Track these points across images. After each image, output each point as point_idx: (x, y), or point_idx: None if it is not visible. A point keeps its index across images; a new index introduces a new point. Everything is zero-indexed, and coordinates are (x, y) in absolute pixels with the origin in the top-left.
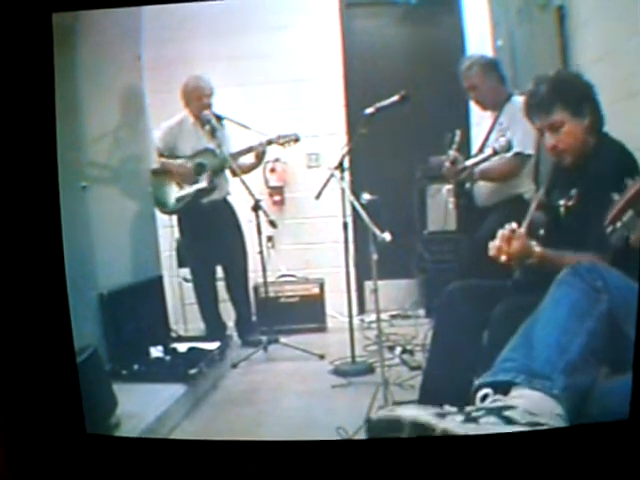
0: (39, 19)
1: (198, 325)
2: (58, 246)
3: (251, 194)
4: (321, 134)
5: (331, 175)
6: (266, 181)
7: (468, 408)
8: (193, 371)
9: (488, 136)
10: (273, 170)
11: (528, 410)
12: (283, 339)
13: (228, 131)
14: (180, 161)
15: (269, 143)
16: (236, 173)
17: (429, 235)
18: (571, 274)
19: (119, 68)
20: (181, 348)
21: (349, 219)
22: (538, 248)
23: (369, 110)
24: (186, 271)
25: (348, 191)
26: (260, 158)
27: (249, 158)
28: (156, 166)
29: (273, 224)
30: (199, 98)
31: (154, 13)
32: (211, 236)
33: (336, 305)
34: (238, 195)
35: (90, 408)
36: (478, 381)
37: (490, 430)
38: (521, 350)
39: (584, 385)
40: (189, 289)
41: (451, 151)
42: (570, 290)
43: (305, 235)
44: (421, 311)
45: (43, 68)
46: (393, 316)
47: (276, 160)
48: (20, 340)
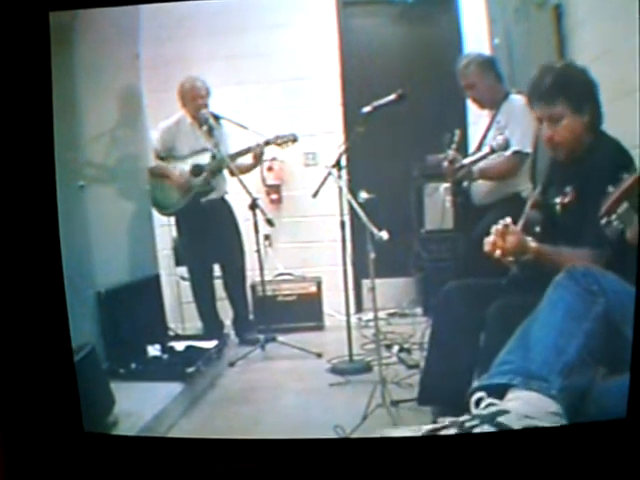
0: (36, 18)
1: (195, 324)
2: (55, 245)
3: (248, 192)
4: (318, 133)
5: (328, 173)
6: (263, 179)
7: (462, 418)
8: (191, 370)
9: (486, 134)
10: (270, 168)
11: (523, 413)
12: (281, 337)
13: (226, 130)
14: (176, 168)
15: (267, 144)
16: (234, 173)
17: (426, 234)
18: (567, 278)
19: (117, 67)
20: (178, 347)
21: (346, 218)
22: (534, 244)
23: (366, 109)
24: (183, 270)
25: (345, 190)
26: (258, 159)
27: (247, 159)
28: (153, 165)
29: (270, 222)
30: (195, 99)
31: (152, 12)
32: (209, 235)
33: (333, 303)
34: (235, 194)
35: (88, 406)
36: (475, 384)
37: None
38: (518, 352)
39: (581, 385)
40: (186, 288)
41: (450, 151)
42: (566, 293)
43: (302, 233)
44: (418, 309)
45: (40, 67)
46: (391, 314)
47: (273, 159)
48: (18, 338)
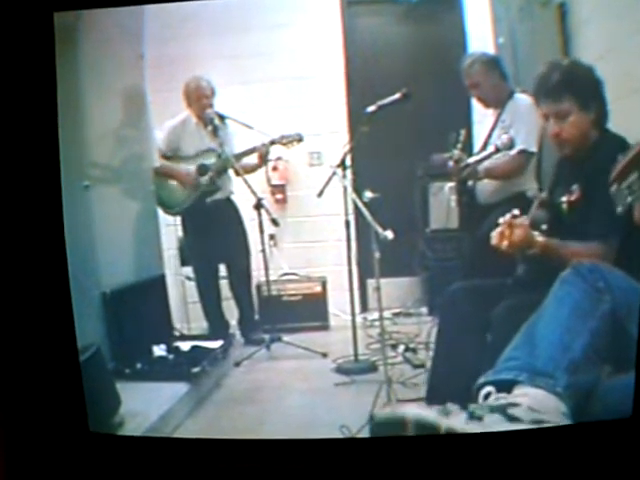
0: (41, 18)
1: (201, 324)
2: (61, 245)
3: (253, 192)
4: (323, 132)
5: (333, 173)
6: (268, 179)
7: (472, 406)
8: (196, 370)
9: (490, 134)
10: (275, 168)
11: (532, 407)
12: (286, 337)
13: (231, 130)
14: (182, 167)
15: (272, 143)
16: (239, 173)
17: (431, 233)
18: (573, 274)
19: (121, 67)
20: (184, 347)
21: (351, 217)
22: (541, 238)
23: (371, 108)
24: (189, 270)
25: (350, 189)
26: (263, 159)
27: (252, 159)
28: (158, 165)
29: (275, 222)
30: (200, 98)
31: (156, 12)
32: (215, 235)
33: (339, 303)
34: (241, 194)
35: (93, 407)
36: (481, 380)
37: (494, 428)
38: (524, 349)
39: (587, 383)
40: (192, 288)
41: (456, 150)
42: (572, 290)
43: (307, 233)
44: (424, 309)
45: (45, 67)
46: (396, 314)
47: (278, 158)
48: (23, 339)
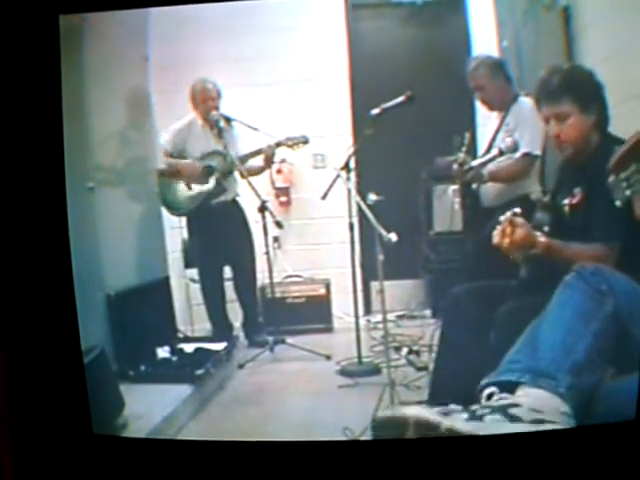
0: (46, 20)
1: (205, 326)
2: (65, 247)
3: (257, 195)
4: (327, 135)
5: (337, 176)
6: (272, 182)
7: (473, 406)
8: (200, 372)
9: (495, 137)
10: (279, 171)
11: (533, 408)
12: (289, 339)
13: (237, 132)
14: (188, 162)
15: (278, 145)
16: (244, 175)
17: (435, 236)
18: (576, 277)
19: (126, 69)
20: (188, 349)
21: (355, 220)
22: (543, 238)
23: (375, 111)
24: (193, 272)
25: (354, 192)
26: (269, 161)
27: (258, 161)
28: (163, 166)
29: (279, 225)
30: (206, 100)
31: (161, 14)
32: (220, 237)
33: (342, 305)
34: (246, 196)
35: (97, 409)
36: (484, 381)
37: (495, 428)
38: (527, 351)
39: (590, 385)
40: (196, 290)
41: (461, 153)
42: (574, 293)
43: (311, 236)
44: (427, 312)
45: (50, 69)
46: (399, 317)
47: (282, 161)
48: (28, 341)
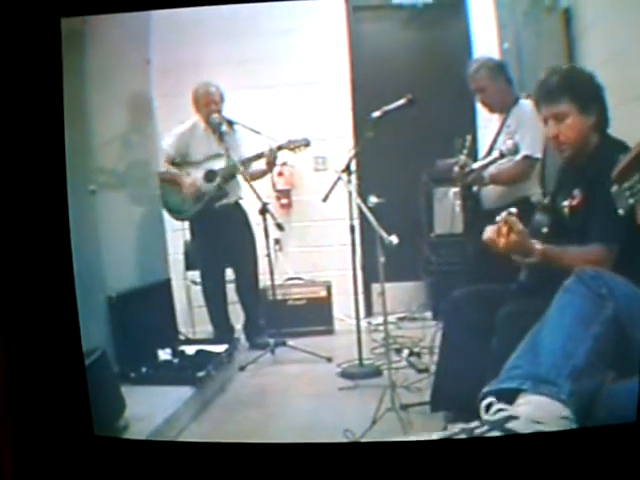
0: (48, 24)
1: (206, 328)
2: (67, 249)
3: (259, 197)
4: (328, 137)
5: (338, 178)
6: (274, 184)
7: (472, 424)
8: (201, 374)
9: (496, 139)
10: (280, 173)
11: (533, 418)
12: (290, 342)
13: (239, 135)
14: (187, 178)
15: (280, 149)
16: (246, 178)
17: (436, 238)
18: (575, 282)
19: (128, 72)
20: (189, 351)
21: (356, 222)
22: (539, 245)
23: (376, 113)
24: (194, 274)
25: (355, 194)
26: (271, 165)
27: (260, 164)
28: (163, 170)
29: (280, 227)
30: (208, 104)
31: (163, 17)
32: (222, 239)
33: (343, 308)
34: (248, 198)
35: (98, 410)
36: (484, 389)
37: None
38: (527, 357)
39: (591, 389)
40: (197, 292)
41: (462, 156)
42: (574, 297)
43: (312, 238)
44: (428, 314)
45: (52, 72)
46: (400, 319)
47: (284, 164)
48: (29, 342)
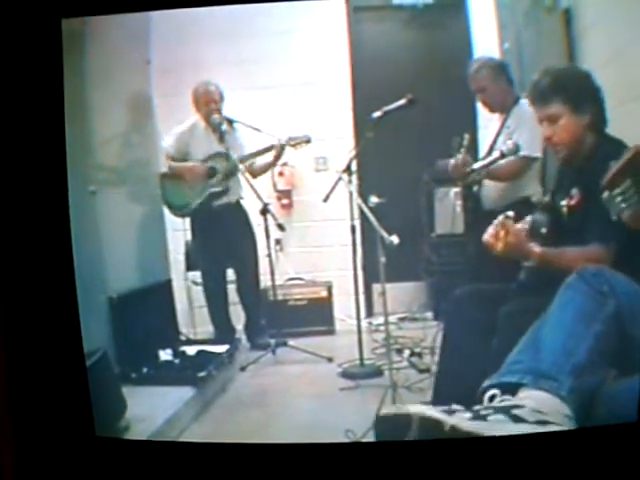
0: (49, 24)
1: (207, 328)
2: (67, 250)
3: (259, 198)
4: (329, 138)
5: (339, 178)
6: (274, 185)
7: (477, 407)
8: (202, 374)
9: (496, 139)
10: (281, 174)
11: (536, 409)
12: (291, 342)
13: (239, 134)
14: (191, 163)
15: (283, 147)
16: (247, 177)
17: (437, 238)
18: (577, 279)
19: (128, 72)
20: (190, 351)
21: (357, 222)
22: (538, 249)
23: (376, 114)
24: (195, 274)
25: (356, 194)
26: (278, 157)
27: (265, 158)
28: (165, 170)
29: (281, 227)
30: (208, 103)
31: (163, 18)
32: (223, 239)
33: (344, 308)
34: (249, 198)
35: (99, 411)
36: (486, 383)
37: (499, 427)
38: (528, 353)
39: (591, 387)
40: (198, 292)
41: (459, 154)
42: (576, 295)
43: (313, 238)
44: (429, 314)
45: (52, 73)
46: (401, 319)
47: (284, 164)
48: (30, 343)
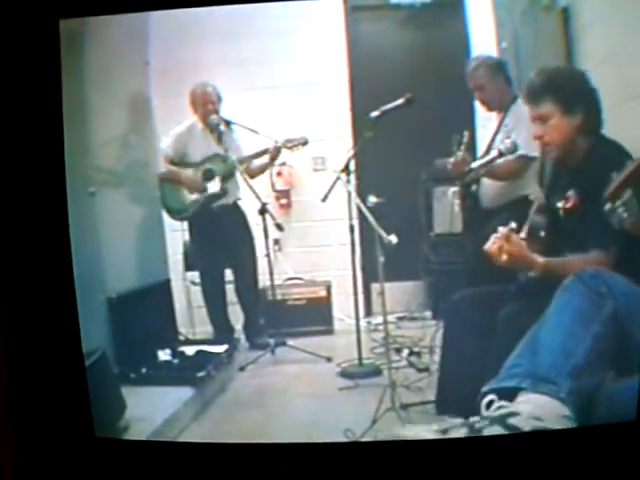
0: (46, 25)
1: (206, 328)
2: (66, 251)
3: (258, 197)
4: (327, 137)
5: (337, 178)
6: (273, 184)
7: (472, 419)
8: (201, 374)
9: (494, 138)
10: (280, 174)
11: (534, 415)
12: (290, 342)
13: (237, 135)
14: (189, 172)
15: (279, 149)
16: (245, 179)
17: (435, 237)
18: (575, 281)
19: (127, 73)
20: (189, 351)
21: (355, 222)
22: (541, 259)
23: (374, 113)
24: (194, 274)
25: (354, 194)
26: (274, 159)
27: (262, 160)
28: (163, 171)
29: (280, 227)
30: (206, 104)
31: (161, 18)
32: (221, 240)
33: (343, 307)
34: (247, 199)
35: (99, 411)
36: (484, 388)
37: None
38: (527, 356)
39: (591, 388)
40: (197, 292)
41: (459, 152)
42: (574, 296)
43: (312, 238)
44: (428, 313)
45: (50, 74)
46: (400, 318)
47: (282, 164)
48: (29, 344)
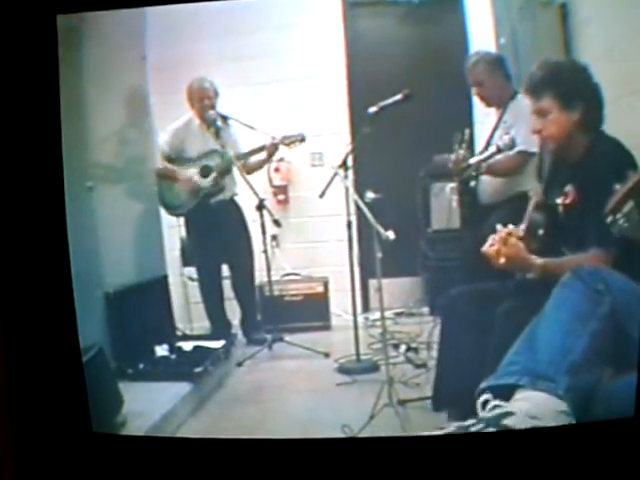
0: (44, 20)
1: (203, 324)
2: (64, 246)
3: (255, 193)
4: (325, 133)
5: (335, 174)
6: (270, 180)
7: (467, 422)
8: (198, 370)
9: (493, 134)
10: (277, 169)
11: (530, 414)
12: (288, 337)
13: (234, 130)
14: (184, 173)
15: (276, 146)
16: (242, 174)
17: (433, 233)
18: (572, 278)
19: (124, 69)
20: (186, 347)
21: (353, 218)
22: (539, 260)
23: (372, 109)
24: (191, 270)
25: (352, 190)
26: (271, 155)
27: (259, 156)
28: (161, 166)
29: (277, 223)
30: (202, 99)
31: (158, 14)
32: (218, 235)
33: (340, 303)
34: (244, 195)
35: (96, 407)
36: (482, 385)
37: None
38: (524, 353)
39: (589, 385)
40: (194, 288)
41: (461, 150)
42: (571, 293)
43: (309, 234)
44: (425, 309)
45: (48, 69)
46: (397, 314)
47: (280, 159)
48: (27, 339)
